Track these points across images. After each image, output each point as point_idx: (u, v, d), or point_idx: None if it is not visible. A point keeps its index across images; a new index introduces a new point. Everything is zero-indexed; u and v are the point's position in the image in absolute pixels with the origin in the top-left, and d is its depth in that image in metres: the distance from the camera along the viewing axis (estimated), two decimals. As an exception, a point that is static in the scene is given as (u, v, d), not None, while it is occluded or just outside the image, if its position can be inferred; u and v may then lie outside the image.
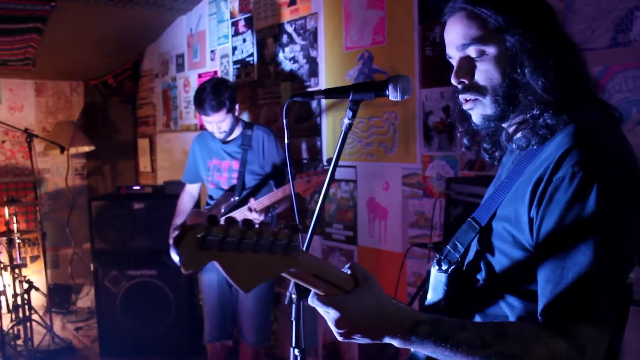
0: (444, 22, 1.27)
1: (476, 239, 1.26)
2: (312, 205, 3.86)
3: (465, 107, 1.26)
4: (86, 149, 6.09)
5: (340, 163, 1.52)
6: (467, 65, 1.22)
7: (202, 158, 3.54)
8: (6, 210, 4.54)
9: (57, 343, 4.74)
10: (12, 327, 4.51)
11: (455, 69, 1.25)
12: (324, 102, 3.71)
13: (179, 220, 3.62)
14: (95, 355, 4.61)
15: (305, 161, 3.86)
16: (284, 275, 1.01)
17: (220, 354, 3.57)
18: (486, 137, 1.36)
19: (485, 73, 1.20)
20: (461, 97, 1.26)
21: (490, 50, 1.18)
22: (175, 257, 0.87)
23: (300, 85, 3.88)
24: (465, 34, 1.20)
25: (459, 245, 1.27)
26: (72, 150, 5.87)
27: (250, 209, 3.10)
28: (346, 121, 1.54)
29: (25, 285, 4.52)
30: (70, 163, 6.01)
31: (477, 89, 1.22)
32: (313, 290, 1.07)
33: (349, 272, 1.12)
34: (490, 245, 1.23)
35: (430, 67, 3.08)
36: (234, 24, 4.45)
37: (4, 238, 4.51)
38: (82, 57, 5.56)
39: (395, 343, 1.09)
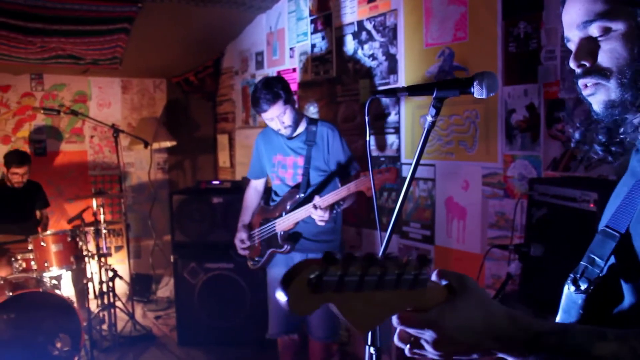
0: (563, 1, 1.10)
1: (615, 249, 1.04)
2: (388, 204, 3.83)
3: (585, 92, 1.08)
4: (168, 144, 6.29)
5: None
6: (589, 46, 1.05)
7: (267, 154, 3.53)
8: (94, 202, 4.75)
9: (138, 330, 4.94)
10: (98, 313, 4.73)
11: (574, 50, 1.07)
12: (403, 99, 3.67)
13: (246, 217, 3.63)
14: (174, 343, 4.76)
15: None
16: None
17: (290, 347, 3.60)
18: (603, 129, 1.12)
19: (610, 53, 1.02)
20: (581, 82, 1.08)
21: (618, 26, 1.01)
22: (281, 298, 0.72)
23: (379, 83, 3.86)
24: (588, 10, 1.03)
25: (597, 259, 1.06)
26: (155, 145, 6.08)
27: (315, 207, 3.06)
28: (429, 119, 1.52)
29: (110, 274, 4.74)
30: (152, 157, 6.23)
31: (600, 72, 1.04)
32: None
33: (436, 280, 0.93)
34: (635, 255, 1.01)
35: (513, 63, 2.99)
36: (313, 22, 4.48)
37: (92, 228, 4.73)
38: (166, 56, 5.75)
39: (511, 359, 0.90)
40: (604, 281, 1.05)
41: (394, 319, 0.87)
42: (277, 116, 3.21)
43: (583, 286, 1.06)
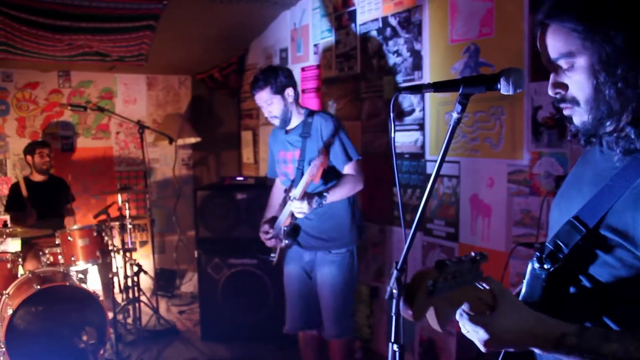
0: (535, 34, 1.26)
1: (581, 241, 1.21)
2: (412, 201, 3.81)
3: (565, 113, 1.26)
4: (192, 140, 6.33)
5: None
6: (561, 77, 1.21)
7: (275, 151, 3.57)
8: (119, 197, 4.81)
9: (162, 324, 4.99)
10: (123, 307, 4.79)
11: (550, 81, 1.24)
12: (427, 96, 3.64)
13: (269, 213, 3.65)
14: (197, 338, 4.80)
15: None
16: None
17: (310, 343, 3.61)
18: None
19: (576, 84, 1.18)
20: (560, 105, 1.26)
21: (579, 61, 1.16)
22: (406, 313, 0.88)
23: (404, 79, 3.84)
24: (553, 48, 1.20)
25: (563, 246, 1.23)
26: (180, 142, 6.13)
27: (291, 199, 3.14)
28: (455, 115, 1.50)
29: (135, 268, 4.80)
30: (177, 154, 6.29)
31: (571, 101, 1.21)
32: (462, 308, 1.11)
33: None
34: (597, 250, 1.20)
35: (540, 59, 2.94)
36: (337, 18, 4.46)
37: (117, 223, 4.79)
38: (191, 52, 5.79)
39: (539, 352, 1.15)
40: (564, 263, 1.24)
41: (458, 316, 1.12)
42: (264, 102, 3.30)
43: (547, 266, 1.24)
